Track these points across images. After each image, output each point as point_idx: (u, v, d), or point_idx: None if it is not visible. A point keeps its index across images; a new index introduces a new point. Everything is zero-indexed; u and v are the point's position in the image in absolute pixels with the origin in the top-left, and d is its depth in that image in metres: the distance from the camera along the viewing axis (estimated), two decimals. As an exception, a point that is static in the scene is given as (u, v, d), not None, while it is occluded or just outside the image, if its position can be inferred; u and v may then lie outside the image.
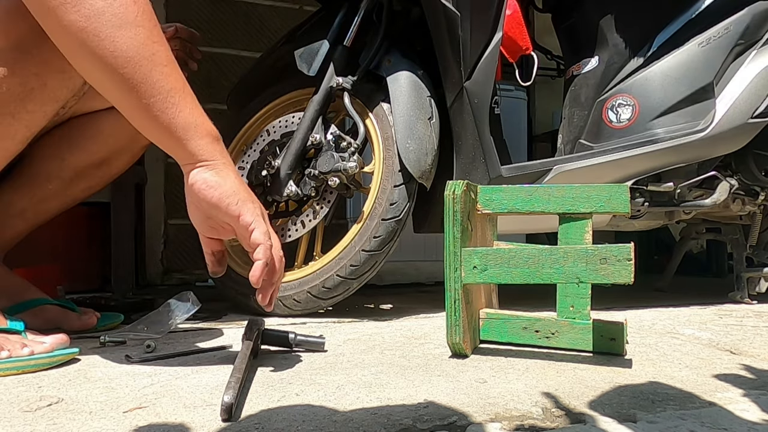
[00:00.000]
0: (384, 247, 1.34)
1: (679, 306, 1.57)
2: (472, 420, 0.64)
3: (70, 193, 1.24)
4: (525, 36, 1.42)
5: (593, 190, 0.93)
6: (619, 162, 1.39)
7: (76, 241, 1.87)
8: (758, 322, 1.31)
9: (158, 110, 0.79)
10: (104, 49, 0.76)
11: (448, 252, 0.90)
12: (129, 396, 0.73)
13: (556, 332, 0.95)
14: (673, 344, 1.05)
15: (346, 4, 1.46)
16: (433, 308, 1.51)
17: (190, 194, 0.83)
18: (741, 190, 1.56)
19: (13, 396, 0.73)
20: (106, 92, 0.82)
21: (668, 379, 0.80)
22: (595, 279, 0.85)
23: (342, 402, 0.70)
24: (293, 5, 2.59)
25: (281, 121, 1.48)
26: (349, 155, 1.34)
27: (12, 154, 1.01)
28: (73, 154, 1.20)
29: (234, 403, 0.65)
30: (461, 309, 0.90)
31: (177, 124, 0.80)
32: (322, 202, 1.38)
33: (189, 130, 0.81)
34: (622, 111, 1.43)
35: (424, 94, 1.38)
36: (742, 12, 1.42)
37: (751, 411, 0.67)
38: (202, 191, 0.81)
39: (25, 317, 1.04)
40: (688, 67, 1.41)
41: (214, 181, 0.81)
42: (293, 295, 1.36)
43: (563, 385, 0.77)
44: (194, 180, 0.81)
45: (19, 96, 0.93)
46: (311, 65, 1.42)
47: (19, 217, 1.19)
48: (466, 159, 1.39)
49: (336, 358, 0.94)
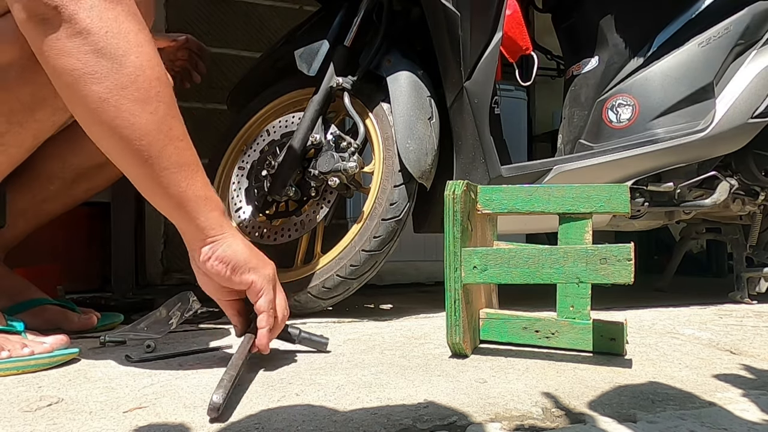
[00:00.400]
0: (384, 247, 1.34)
1: (679, 306, 1.57)
2: (472, 420, 0.64)
3: (72, 194, 1.24)
4: (525, 36, 1.42)
5: (593, 190, 0.93)
6: (619, 162, 1.39)
7: (76, 241, 1.87)
8: (758, 322, 1.31)
9: (170, 183, 0.78)
10: (123, 121, 0.74)
11: (448, 252, 0.90)
12: (129, 396, 0.73)
13: (556, 332, 0.95)
14: (673, 344, 1.05)
15: (346, 4, 1.46)
16: (433, 308, 1.51)
17: (203, 269, 0.84)
18: (741, 190, 1.56)
19: (13, 396, 0.73)
20: (116, 160, 0.80)
21: (668, 379, 0.80)
22: (595, 279, 0.85)
23: (342, 402, 0.70)
24: (293, 5, 2.59)
25: (281, 121, 1.48)
26: (349, 155, 1.34)
27: (17, 161, 1.01)
28: (75, 154, 1.20)
29: (222, 403, 0.65)
30: (461, 309, 0.90)
31: (189, 197, 0.80)
32: (322, 202, 1.38)
33: (200, 203, 0.81)
34: (622, 111, 1.43)
35: (424, 94, 1.38)
36: (742, 12, 1.42)
37: (751, 411, 0.67)
38: (215, 267, 0.82)
39: (25, 317, 1.04)
40: (688, 67, 1.41)
41: (227, 256, 0.82)
42: (293, 295, 1.36)
43: (563, 385, 0.77)
44: (207, 257, 0.82)
45: (29, 105, 0.92)
46: (311, 65, 1.42)
47: (20, 217, 1.19)
48: (466, 159, 1.39)
49: (336, 358, 0.94)
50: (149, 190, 0.80)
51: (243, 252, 0.84)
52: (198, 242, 0.82)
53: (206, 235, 0.82)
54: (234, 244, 0.84)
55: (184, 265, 2.34)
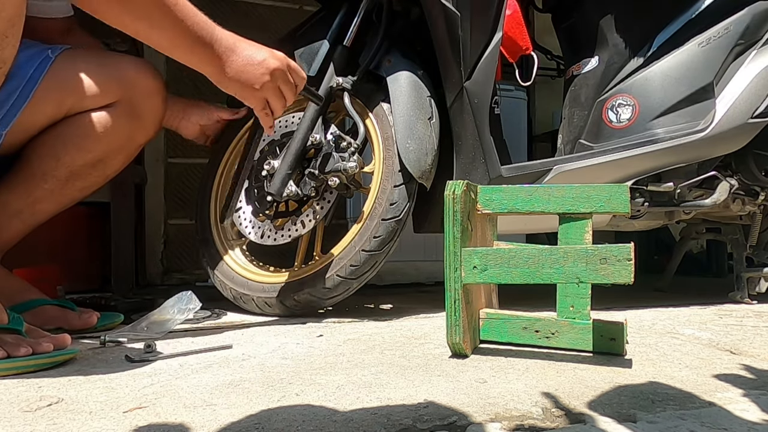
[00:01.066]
0: (384, 247, 1.34)
1: (679, 306, 1.57)
2: (472, 420, 0.64)
3: (66, 193, 1.23)
4: (525, 36, 1.42)
5: (593, 190, 0.93)
6: (619, 162, 1.39)
7: (76, 241, 1.87)
8: (758, 322, 1.31)
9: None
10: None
11: (448, 252, 0.90)
12: (129, 396, 0.73)
13: (556, 332, 0.95)
14: (673, 344, 1.05)
15: (345, 4, 1.46)
16: (433, 308, 1.51)
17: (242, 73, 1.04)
18: (741, 190, 1.56)
19: (13, 396, 0.73)
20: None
21: (668, 379, 0.80)
22: (595, 279, 0.85)
23: (342, 402, 0.70)
24: (293, 5, 2.59)
25: (281, 121, 1.48)
26: (349, 155, 1.34)
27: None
28: (68, 152, 1.19)
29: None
30: (461, 309, 0.90)
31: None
32: (322, 202, 1.38)
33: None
34: (622, 111, 1.43)
35: (424, 94, 1.38)
36: (742, 12, 1.42)
37: (751, 411, 0.67)
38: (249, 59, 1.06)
39: (25, 317, 1.04)
40: (688, 67, 1.41)
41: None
42: (293, 295, 1.36)
43: (563, 385, 0.77)
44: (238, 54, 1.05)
45: None
46: (311, 65, 1.42)
47: (15, 218, 1.19)
48: (466, 159, 1.39)
49: (336, 358, 0.94)
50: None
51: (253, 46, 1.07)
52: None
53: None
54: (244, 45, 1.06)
55: (184, 265, 2.36)
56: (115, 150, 1.23)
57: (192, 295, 1.19)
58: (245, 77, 1.06)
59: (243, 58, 1.06)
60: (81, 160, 1.20)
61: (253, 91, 1.08)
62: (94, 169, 1.23)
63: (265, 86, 1.08)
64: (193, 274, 2.33)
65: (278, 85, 1.10)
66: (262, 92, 1.09)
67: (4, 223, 1.18)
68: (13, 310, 1.03)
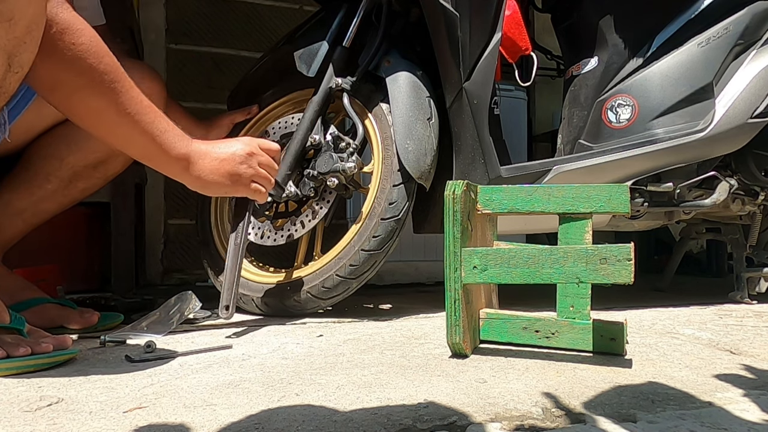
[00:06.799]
0: (383, 246, 1.34)
1: (679, 306, 1.57)
2: (472, 420, 0.64)
3: (68, 193, 1.24)
4: (524, 36, 1.42)
5: (593, 190, 0.93)
6: (619, 162, 1.39)
7: (76, 241, 1.87)
8: (758, 322, 1.31)
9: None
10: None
11: (448, 252, 0.90)
12: (129, 396, 0.73)
13: (556, 332, 0.95)
14: (673, 344, 1.05)
15: (345, 4, 1.46)
16: (433, 308, 1.51)
17: (209, 175, 1.03)
18: (741, 190, 1.56)
19: (13, 396, 0.73)
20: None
21: (668, 379, 0.80)
22: (595, 279, 0.85)
23: (342, 402, 0.70)
24: (293, 5, 2.59)
25: (281, 122, 1.48)
26: (348, 156, 1.34)
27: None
28: (71, 153, 1.21)
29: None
30: (461, 309, 0.90)
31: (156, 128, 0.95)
32: (322, 203, 1.38)
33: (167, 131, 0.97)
34: (621, 111, 1.43)
35: (423, 94, 1.38)
36: (741, 12, 1.42)
37: (751, 411, 0.67)
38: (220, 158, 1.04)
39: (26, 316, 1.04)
40: (688, 68, 1.41)
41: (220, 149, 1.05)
42: (293, 295, 1.36)
43: (563, 385, 0.77)
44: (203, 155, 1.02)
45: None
46: (311, 66, 1.42)
47: (17, 217, 1.20)
48: (466, 159, 1.39)
49: (336, 358, 0.94)
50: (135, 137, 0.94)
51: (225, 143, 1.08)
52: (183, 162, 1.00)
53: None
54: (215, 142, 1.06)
55: (184, 265, 2.36)
56: (116, 152, 1.24)
57: (192, 295, 1.19)
58: (225, 170, 1.06)
59: (212, 157, 1.04)
60: (84, 161, 1.22)
61: (238, 179, 1.08)
62: (96, 170, 1.25)
63: (245, 173, 1.08)
64: (193, 274, 2.34)
65: (256, 166, 1.10)
66: (245, 179, 1.09)
67: (5, 222, 1.19)
68: (14, 309, 1.03)
